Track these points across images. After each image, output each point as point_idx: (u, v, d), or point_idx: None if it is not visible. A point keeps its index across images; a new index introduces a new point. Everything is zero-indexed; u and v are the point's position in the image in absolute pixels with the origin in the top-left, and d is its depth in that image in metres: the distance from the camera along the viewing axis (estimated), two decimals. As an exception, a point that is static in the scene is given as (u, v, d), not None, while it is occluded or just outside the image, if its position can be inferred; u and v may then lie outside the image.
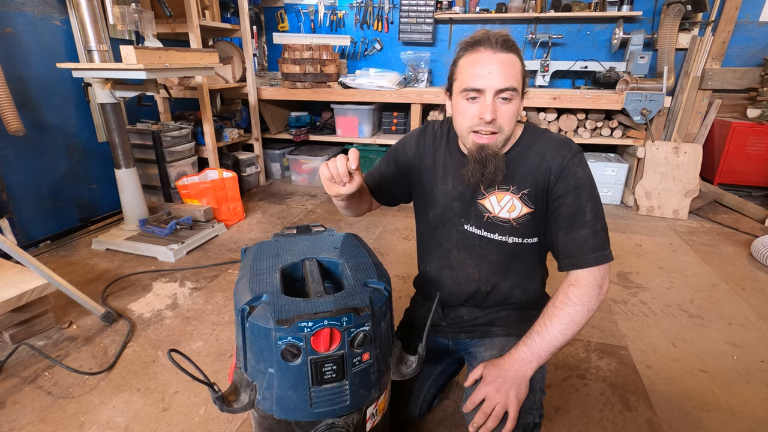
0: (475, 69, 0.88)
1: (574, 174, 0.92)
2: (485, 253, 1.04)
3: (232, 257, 2.40)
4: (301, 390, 0.76)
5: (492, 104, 0.88)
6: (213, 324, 1.81)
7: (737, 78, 3.36)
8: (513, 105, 0.90)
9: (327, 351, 0.74)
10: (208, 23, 3.01)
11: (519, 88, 0.89)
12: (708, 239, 2.76)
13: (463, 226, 1.04)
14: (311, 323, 0.72)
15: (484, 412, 0.88)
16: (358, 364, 0.78)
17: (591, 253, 0.90)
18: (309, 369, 0.74)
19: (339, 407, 0.79)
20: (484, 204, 1.00)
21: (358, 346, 0.77)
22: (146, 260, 2.35)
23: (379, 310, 0.82)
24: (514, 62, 0.88)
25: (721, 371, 1.58)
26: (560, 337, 0.90)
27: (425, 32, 3.81)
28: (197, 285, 2.12)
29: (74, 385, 1.46)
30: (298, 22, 4.20)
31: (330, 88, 3.56)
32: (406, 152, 1.13)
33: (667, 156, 3.08)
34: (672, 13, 3.19)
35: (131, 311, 1.89)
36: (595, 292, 0.90)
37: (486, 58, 0.87)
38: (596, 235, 0.91)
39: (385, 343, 0.88)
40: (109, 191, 2.74)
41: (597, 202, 0.93)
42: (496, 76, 0.87)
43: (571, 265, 0.93)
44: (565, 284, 0.93)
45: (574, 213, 0.92)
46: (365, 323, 0.77)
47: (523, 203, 0.97)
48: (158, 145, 2.77)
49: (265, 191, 3.65)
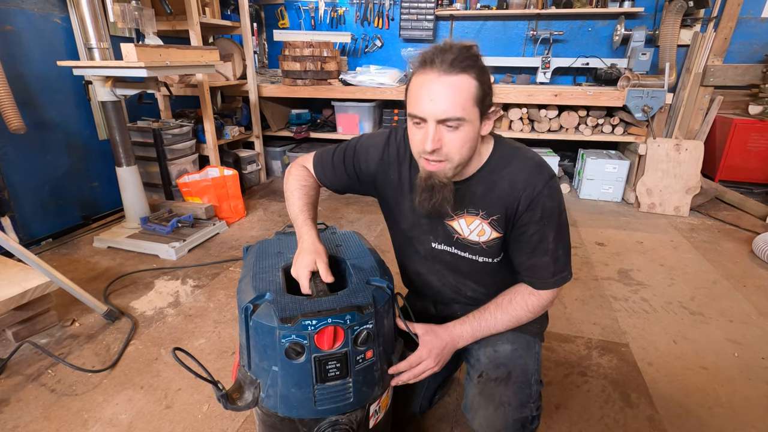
0: (418, 93, 0.79)
1: (542, 205, 0.89)
2: (458, 266, 1.05)
3: (234, 255, 2.40)
4: (305, 388, 0.76)
5: (435, 133, 0.80)
6: (215, 322, 1.82)
7: (739, 74, 3.35)
8: (461, 133, 0.81)
9: (331, 349, 0.74)
10: (209, 20, 3.00)
11: (468, 115, 0.79)
12: (709, 236, 2.76)
13: (431, 244, 1.03)
14: (315, 321, 0.72)
15: (415, 374, 0.92)
16: (362, 362, 0.78)
17: (550, 278, 0.94)
18: (313, 367, 0.75)
19: (343, 405, 0.79)
20: (452, 225, 0.98)
21: (361, 344, 0.77)
22: (148, 258, 2.35)
23: (382, 308, 0.83)
24: (463, 85, 0.77)
25: (722, 368, 1.59)
26: (501, 328, 0.97)
27: (426, 29, 3.80)
28: (199, 283, 2.12)
29: (77, 383, 1.47)
30: (298, 19, 4.19)
31: (331, 85, 3.56)
32: (369, 165, 1.04)
33: (668, 153, 3.07)
34: (674, 10, 3.18)
35: (133, 309, 1.89)
36: (546, 305, 0.98)
37: (429, 82, 0.78)
38: (557, 260, 0.93)
39: (388, 341, 0.88)
40: (111, 189, 2.74)
41: (561, 227, 0.93)
42: (438, 103, 0.77)
43: (531, 285, 0.97)
44: (527, 292, 0.97)
45: (537, 241, 0.92)
46: (368, 321, 0.77)
47: (493, 228, 0.95)
48: (159, 143, 2.77)
49: (266, 189, 3.65)
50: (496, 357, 0.99)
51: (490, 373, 0.97)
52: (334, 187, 1.12)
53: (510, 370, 0.96)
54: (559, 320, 1.84)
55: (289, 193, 1.06)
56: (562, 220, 0.93)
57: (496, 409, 0.90)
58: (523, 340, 1.02)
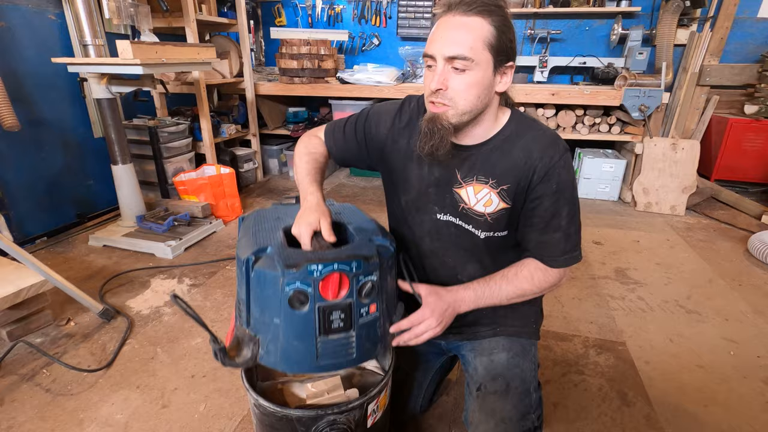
0: (433, 34, 0.80)
1: (558, 176, 0.86)
2: (459, 241, 0.98)
3: (231, 254, 2.39)
4: (308, 340, 0.72)
5: (442, 72, 0.79)
6: (212, 321, 1.81)
7: (735, 74, 3.36)
8: (467, 76, 0.79)
9: (335, 299, 0.71)
10: (205, 18, 2.98)
11: (477, 57, 0.77)
12: (705, 235, 2.77)
13: (437, 215, 0.97)
14: (321, 267, 0.69)
15: (416, 333, 0.87)
16: (365, 316, 0.75)
17: (560, 255, 0.91)
18: (316, 317, 0.71)
19: (345, 360, 0.75)
20: (459, 193, 0.94)
21: (365, 296, 0.74)
22: (144, 257, 2.34)
23: (386, 262, 0.80)
24: (476, 26, 0.76)
25: (718, 367, 1.60)
26: (504, 299, 0.94)
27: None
28: (195, 282, 2.11)
29: (73, 383, 1.45)
30: (295, 17, 4.17)
31: (328, 83, 3.54)
32: (380, 130, 1.01)
33: (665, 152, 3.08)
34: (671, 9, 3.19)
35: (129, 308, 1.88)
36: (553, 283, 0.94)
37: (445, 23, 0.79)
38: (568, 237, 0.90)
39: (391, 299, 0.85)
40: (106, 187, 2.72)
41: (575, 204, 0.91)
42: (447, 40, 0.77)
43: (540, 260, 0.94)
44: (534, 266, 0.94)
45: (550, 216, 0.89)
46: (373, 272, 0.74)
47: (501, 198, 0.91)
48: (155, 141, 2.75)
49: (263, 187, 3.64)
50: (493, 367, 0.98)
51: (488, 386, 0.95)
52: (342, 156, 1.08)
53: (508, 382, 0.94)
54: (557, 319, 1.85)
55: (298, 158, 1.03)
56: (575, 197, 0.90)
57: (497, 425, 0.89)
58: (518, 346, 1.01)
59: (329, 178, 3.92)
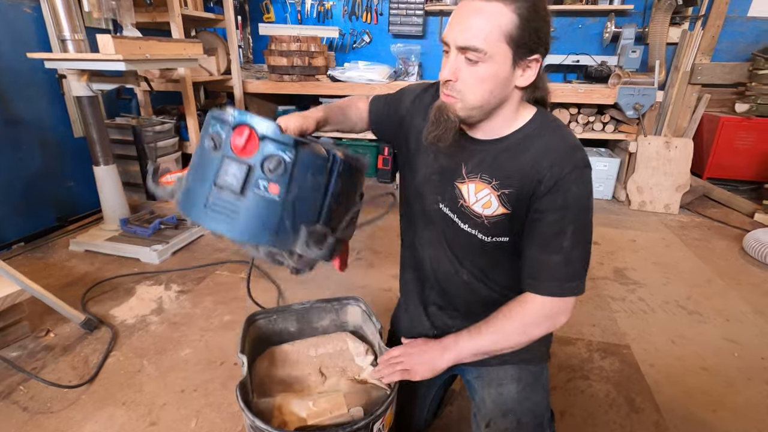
0: (452, 17, 0.74)
1: (566, 191, 0.76)
2: (457, 238, 0.92)
3: (220, 258, 2.30)
4: (205, 185, 0.69)
5: (454, 62, 0.73)
6: (202, 330, 1.72)
7: (726, 73, 3.38)
8: (479, 69, 0.72)
9: (241, 155, 0.67)
10: (191, 12, 2.88)
11: (492, 50, 0.70)
12: (699, 234, 2.77)
13: (438, 205, 0.91)
14: (237, 114, 0.67)
15: (390, 364, 0.91)
16: (261, 191, 0.68)
17: (554, 282, 0.79)
18: (219, 165, 0.68)
19: (228, 225, 0.69)
20: (461, 189, 0.87)
21: (269, 171, 0.67)
22: (128, 262, 2.23)
23: (309, 155, 0.69)
24: (493, 15, 0.68)
25: (723, 369, 1.57)
26: (489, 347, 0.85)
27: (415, 24, 3.73)
28: (184, 288, 2.02)
29: (53, 400, 1.36)
30: (284, 13, 4.07)
31: (319, 81, 3.46)
32: (404, 103, 0.98)
33: (658, 151, 3.08)
34: (663, 8, 3.18)
35: (113, 317, 1.78)
36: (540, 322, 0.81)
37: (463, 6, 0.72)
38: (569, 263, 0.78)
39: (308, 204, 0.72)
40: (88, 189, 2.60)
41: (583, 227, 0.79)
42: (460, 29, 0.71)
43: (530, 287, 0.82)
44: (517, 299, 0.84)
45: (552, 234, 0.78)
46: (287, 150, 0.67)
47: (501, 203, 0.82)
48: (139, 141, 2.65)
49: (253, 188, 3.54)
50: (503, 401, 0.93)
51: (498, 423, 0.90)
52: (375, 121, 1.03)
53: (519, 418, 0.89)
54: (559, 322, 1.81)
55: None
56: (587, 220, 0.79)
57: None
58: (529, 375, 0.95)
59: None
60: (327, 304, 1.24)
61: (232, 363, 1.54)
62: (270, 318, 1.20)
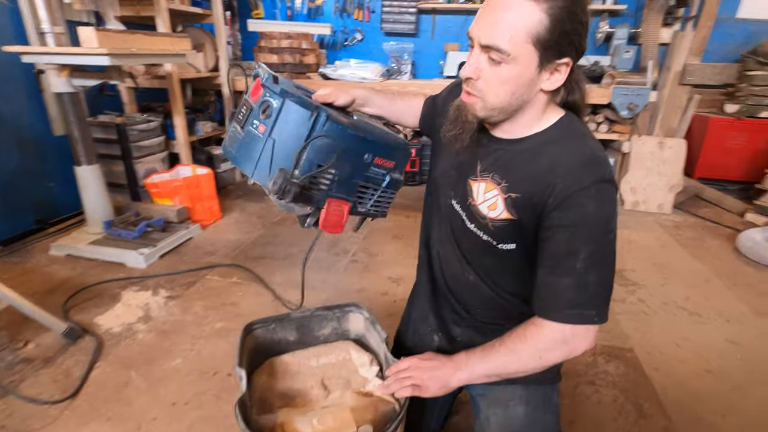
0: (480, 10, 0.69)
1: (580, 206, 0.69)
2: (464, 236, 0.88)
3: (211, 261, 2.22)
4: (232, 125, 0.83)
5: (476, 60, 0.69)
6: (193, 337, 1.64)
7: (716, 73, 3.41)
8: (502, 71, 0.68)
9: (250, 99, 0.79)
10: (177, 7, 2.78)
11: (516, 51, 0.65)
12: (693, 233, 2.78)
13: (451, 201, 0.89)
14: (256, 67, 0.80)
15: (398, 379, 0.86)
16: (253, 128, 0.78)
17: (567, 308, 0.71)
18: (240, 108, 0.82)
19: (233, 152, 0.82)
20: (472, 186, 0.83)
21: (262, 113, 0.77)
22: (113, 267, 2.13)
23: (293, 105, 0.75)
24: (521, 14, 0.63)
25: (727, 372, 1.56)
26: (502, 369, 0.79)
27: (408, 22, 3.69)
28: (173, 293, 1.93)
29: (33, 416, 1.27)
30: (273, 9, 3.98)
31: (310, 79, 3.38)
32: (442, 96, 0.99)
33: (652, 151, 3.09)
34: (656, 8, 3.19)
35: (98, 326, 1.69)
36: (556, 346, 0.73)
37: (489, 2, 0.67)
38: (581, 287, 0.70)
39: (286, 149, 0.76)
40: (69, 190, 2.48)
41: (602, 249, 0.70)
42: (485, 26, 0.66)
43: (541, 311, 0.75)
44: (533, 321, 0.76)
45: (562, 254, 0.71)
46: (275, 97, 0.75)
47: (506, 207, 0.77)
48: (124, 140, 2.54)
49: (242, 188, 3.44)
50: (509, 424, 0.87)
51: None
52: (423, 115, 1.04)
53: None
54: (561, 325, 1.78)
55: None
56: (606, 241, 0.71)
57: None
58: (538, 397, 0.89)
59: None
60: (328, 312, 1.18)
61: (225, 373, 1.46)
62: (268, 327, 1.14)
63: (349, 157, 0.78)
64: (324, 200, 0.78)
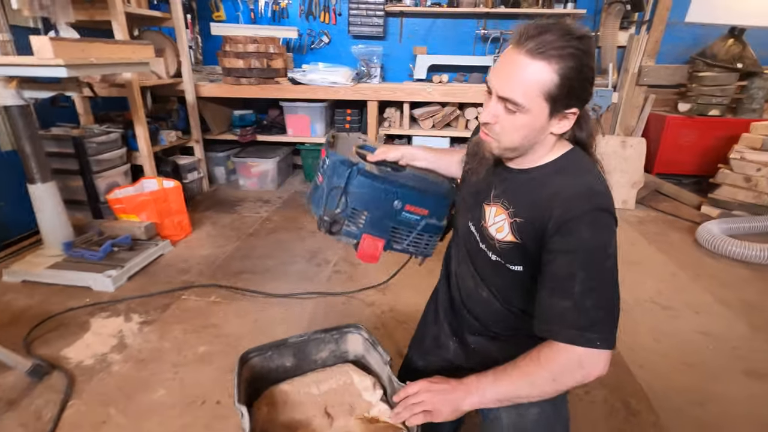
0: (496, 64, 0.78)
1: (577, 233, 0.74)
2: (477, 255, 0.94)
3: (186, 280, 2.11)
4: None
5: (493, 108, 0.77)
6: (174, 365, 1.55)
7: (669, 74, 3.61)
8: (517, 120, 0.76)
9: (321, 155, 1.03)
10: (135, 10, 2.62)
11: (530, 104, 0.73)
12: (657, 228, 2.93)
13: (468, 222, 0.96)
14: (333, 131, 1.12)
15: (407, 406, 0.85)
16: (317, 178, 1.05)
17: (571, 329, 0.73)
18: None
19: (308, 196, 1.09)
20: (486, 210, 0.91)
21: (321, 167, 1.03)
22: (78, 292, 1.98)
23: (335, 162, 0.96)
24: (535, 73, 0.71)
25: (702, 362, 1.65)
26: (514, 392, 0.78)
27: (376, 25, 3.66)
28: (147, 318, 1.82)
29: (0, 469, 1.16)
30: (235, 12, 3.84)
31: (279, 84, 3.30)
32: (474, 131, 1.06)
33: (615, 150, 3.22)
34: (613, 12, 3.33)
35: (67, 360, 1.56)
36: (571, 368, 0.74)
37: (508, 57, 0.75)
38: (581, 312, 0.72)
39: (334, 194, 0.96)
40: (21, 209, 2.28)
41: (599, 275, 0.74)
42: (504, 81, 0.75)
43: (546, 332, 0.77)
44: (547, 343, 0.77)
45: (561, 277, 0.75)
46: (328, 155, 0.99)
47: (511, 230, 0.84)
48: (82, 153, 2.37)
49: (211, 199, 3.31)
50: (522, 423, 0.88)
51: None
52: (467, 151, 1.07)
53: None
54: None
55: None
56: (604, 268, 0.74)
57: None
58: (548, 406, 0.90)
59: (284, 186, 3.67)
60: (326, 335, 1.15)
61: (214, 401, 1.39)
62: (265, 355, 1.09)
63: (379, 203, 0.96)
64: (361, 235, 0.97)
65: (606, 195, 0.77)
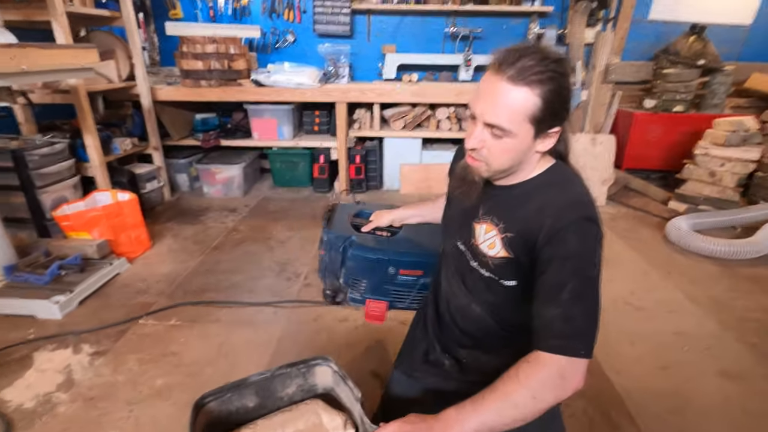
0: (478, 90, 0.79)
1: (565, 241, 0.76)
2: (469, 273, 0.96)
3: (144, 302, 1.96)
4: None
5: (479, 134, 0.80)
6: (128, 402, 1.42)
7: (635, 71, 3.65)
8: (504, 144, 0.78)
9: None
10: (78, 9, 2.42)
11: (516, 129, 0.75)
12: (627, 224, 2.96)
13: (456, 242, 0.98)
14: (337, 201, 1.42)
15: None
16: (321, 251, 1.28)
17: (555, 338, 0.73)
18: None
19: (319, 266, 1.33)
20: (475, 228, 0.93)
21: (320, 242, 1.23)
22: (20, 321, 1.80)
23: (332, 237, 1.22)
24: (519, 100, 0.73)
25: (678, 365, 1.64)
26: (494, 418, 0.73)
27: (342, 23, 3.55)
28: (99, 348, 1.67)
29: None
30: (194, 10, 3.65)
31: (241, 86, 3.14)
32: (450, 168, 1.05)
33: (585, 147, 3.24)
34: (580, 10, 3.33)
35: (5, 403, 1.41)
36: (552, 382, 0.72)
37: (490, 84, 0.76)
38: (568, 320, 0.73)
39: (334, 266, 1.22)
40: (-45, 231, 2.07)
41: (585, 283, 0.75)
42: (489, 108, 0.76)
43: (534, 342, 0.76)
44: (524, 358, 0.76)
45: (552, 285, 0.76)
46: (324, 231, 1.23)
47: (503, 245, 0.86)
48: (22, 167, 2.17)
49: (173, 209, 3.13)
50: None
51: None
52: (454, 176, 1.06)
53: None
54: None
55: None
56: (590, 276, 0.76)
57: None
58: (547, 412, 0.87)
59: (251, 192, 3.52)
60: (292, 369, 1.05)
61: (172, 442, 1.28)
62: (223, 398, 0.98)
63: (375, 271, 1.11)
64: (365, 301, 1.13)
65: (592, 205, 0.81)
